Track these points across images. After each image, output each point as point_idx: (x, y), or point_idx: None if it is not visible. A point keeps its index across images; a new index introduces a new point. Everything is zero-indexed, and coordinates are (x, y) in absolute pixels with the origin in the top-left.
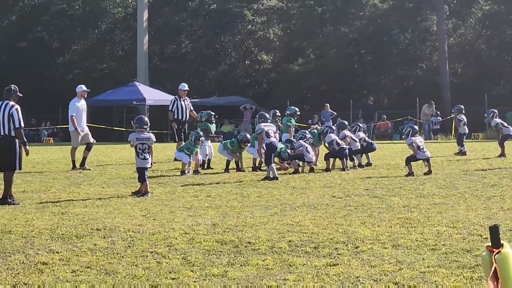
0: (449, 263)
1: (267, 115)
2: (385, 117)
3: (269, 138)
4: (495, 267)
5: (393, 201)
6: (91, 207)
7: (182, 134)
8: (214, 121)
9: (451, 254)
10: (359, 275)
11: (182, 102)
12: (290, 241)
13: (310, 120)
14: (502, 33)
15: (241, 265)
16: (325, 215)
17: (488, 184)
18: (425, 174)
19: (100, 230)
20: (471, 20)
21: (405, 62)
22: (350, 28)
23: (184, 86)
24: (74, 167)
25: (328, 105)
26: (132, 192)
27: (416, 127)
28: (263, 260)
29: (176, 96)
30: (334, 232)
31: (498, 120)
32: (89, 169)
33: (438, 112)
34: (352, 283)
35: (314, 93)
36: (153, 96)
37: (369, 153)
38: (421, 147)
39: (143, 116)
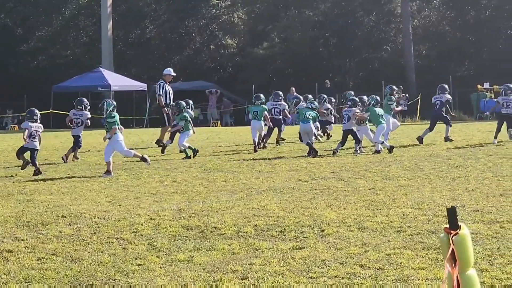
0: (414, 244)
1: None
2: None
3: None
4: (452, 249)
5: (358, 184)
6: (57, 194)
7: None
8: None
9: (417, 236)
10: (325, 258)
11: (168, 87)
12: (256, 225)
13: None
14: (466, 14)
15: (207, 250)
16: (291, 199)
17: (453, 165)
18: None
19: (65, 217)
20: (435, 1)
21: (370, 45)
22: (315, 11)
23: (171, 71)
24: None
25: (294, 88)
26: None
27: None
28: (229, 245)
29: (163, 81)
30: (300, 215)
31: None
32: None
33: (407, 95)
34: (318, 266)
35: (279, 77)
36: (118, 81)
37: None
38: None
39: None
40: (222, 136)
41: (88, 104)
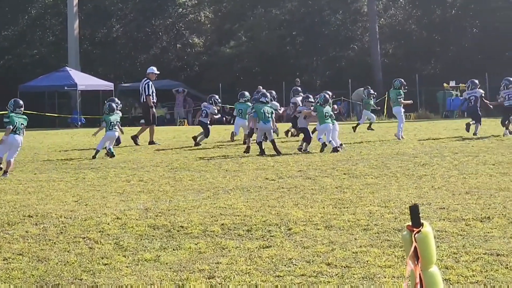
0: (381, 242)
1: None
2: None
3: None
4: (415, 246)
5: (325, 182)
6: (23, 194)
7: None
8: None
9: (383, 234)
10: (292, 257)
11: (153, 86)
12: (223, 224)
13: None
14: (432, 13)
15: (173, 249)
16: (258, 198)
17: (419, 163)
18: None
19: (32, 217)
20: (401, 0)
21: (336, 43)
22: (282, 10)
23: (155, 69)
24: None
25: (261, 87)
26: None
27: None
28: (196, 244)
29: (148, 79)
30: (267, 214)
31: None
32: None
33: (375, 94)
34: (285, 265)
35: (246, 76)
36: (85, 81)
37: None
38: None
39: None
40: (189, 135)
41: None
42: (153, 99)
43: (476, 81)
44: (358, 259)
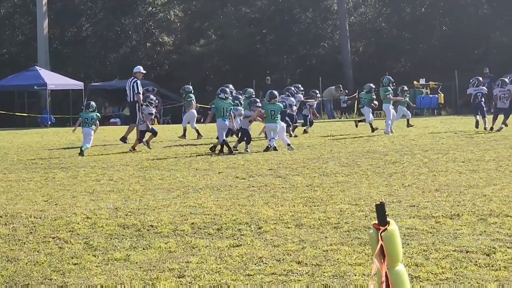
0: (351, 240)
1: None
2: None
3: None
4: (381, 245)
5: (296, 181)
6: None
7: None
8: None
9: (354, 232)
10: (262, 256)
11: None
12: (193, 223)
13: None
14: (402, 11)
15: (143, 249)
16: (228, 196)
17: (390, 161)
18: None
19: (1, 216)
20: None
21: (307, 41)
22: (252, 8)
23: (141, 69)
24: None
25: (231, 85)
26: None
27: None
28: (166, 243)
29: (135, 78)
30: (237, 213)
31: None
32: None
33: (347, 91)
34: (255, 264)
35: (216, 74)
36: (55, 80)
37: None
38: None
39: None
40: (159, 134)
41: None
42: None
43: (480, 78)
44: (329, 257)
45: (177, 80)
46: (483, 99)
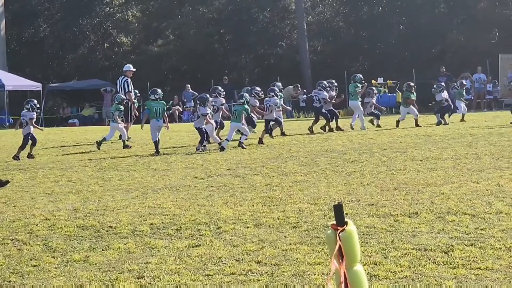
0: (311, 239)
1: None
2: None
3: None
4: (339, 245)
5: (255, 180)
6: None
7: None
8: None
9: (313, 231)
10: (221, 256)
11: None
12: (152, 224)
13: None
14: (359, 10)
15: (102, 250)
16: (187, 197)
17: (349, 160)
18: None
19: None
20: None
21: (265, 41)
22: (209, 8)
23: (131, 67)
24: None
25: (189, 85)
26: None
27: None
28: (125, 244)
29: (126, 77)
30: (197, 213)
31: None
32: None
33: (305, 91)
34: (214, 264)
35: (174, 74)
36: (12, 81)
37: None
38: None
39: None
40: (116, 134)
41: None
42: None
43: (443, 84)
44: (288, 256)
45: (135, 81)
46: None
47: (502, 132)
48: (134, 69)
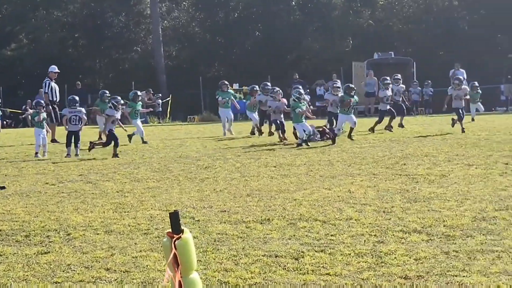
0: (161, 246)
1: None
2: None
3: None
4: (174, 253)
5: (107, 186)
6: None
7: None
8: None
9: (163, 238)
10: (70, 263)
11: (54, 84)
12: (0, 230)
13: None
14: (215, 16)
15: None
16: (37, 203)
17: (202, 166)
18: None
19: None
20: (184, 3)
21: (120, 46)
22: (64, 12)
23: (55, 69)
24: None
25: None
26: None
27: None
28: None
29: (48, 79)
30: (46, 219)
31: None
32: None
33: (160, 95)
34: (63, 271)
35: (28, 78)
36: None
37: None
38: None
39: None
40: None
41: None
42: (53, 98)
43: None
44: (138, 263)
45: None
46: None
47: (354, 140)
48: (58, 71)
